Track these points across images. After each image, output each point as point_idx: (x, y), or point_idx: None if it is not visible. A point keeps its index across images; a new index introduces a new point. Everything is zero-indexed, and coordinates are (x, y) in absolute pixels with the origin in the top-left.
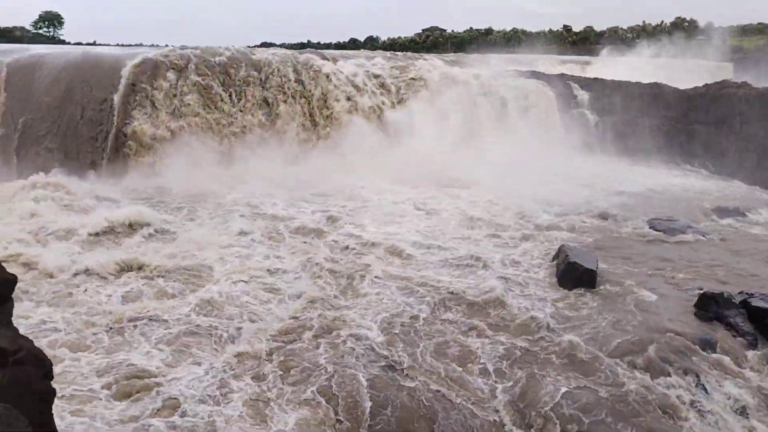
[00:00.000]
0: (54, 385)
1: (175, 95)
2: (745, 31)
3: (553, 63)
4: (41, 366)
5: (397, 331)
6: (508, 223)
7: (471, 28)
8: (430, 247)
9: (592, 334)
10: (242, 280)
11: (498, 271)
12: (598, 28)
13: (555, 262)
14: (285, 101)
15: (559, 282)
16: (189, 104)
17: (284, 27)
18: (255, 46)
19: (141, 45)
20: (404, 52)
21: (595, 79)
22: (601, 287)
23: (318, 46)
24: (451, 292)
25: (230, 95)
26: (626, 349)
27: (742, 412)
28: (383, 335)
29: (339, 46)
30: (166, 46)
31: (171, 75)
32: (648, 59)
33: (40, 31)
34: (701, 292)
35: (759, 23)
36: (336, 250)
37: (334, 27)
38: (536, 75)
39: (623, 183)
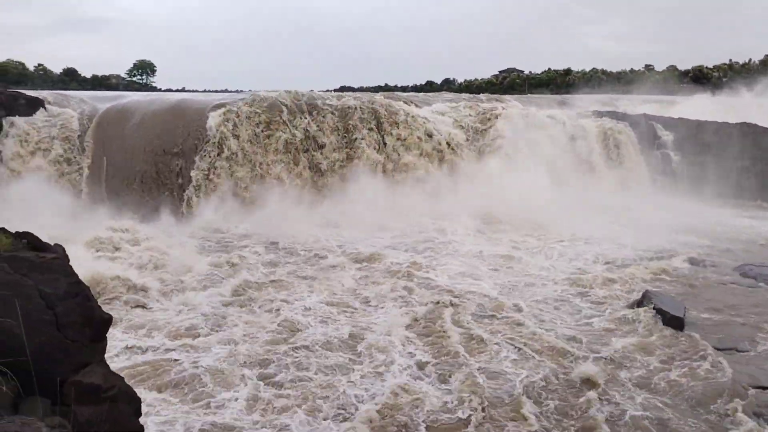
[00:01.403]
0: None
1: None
2: None
3: (636, 103)
4: (132, 403)
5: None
6: (591, 268)
7: (549, 68)
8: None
9: (675, 383)
10: None
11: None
12: (681, 67)
13: (641, 308)
14: (364, 144)
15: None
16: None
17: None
18: (334, 90)
19: (226, 91)
20: (484, 94)
21: (680, 119)
22: (689, 335)
23: (395, 88)
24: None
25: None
26: (711, 402)
27: None
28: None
29: (416, 88)
30: (249, 91)
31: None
32: (738, 98)
33: (134, 79)
34: None
35: None
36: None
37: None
38: (617, 115)
39: (710, 226)
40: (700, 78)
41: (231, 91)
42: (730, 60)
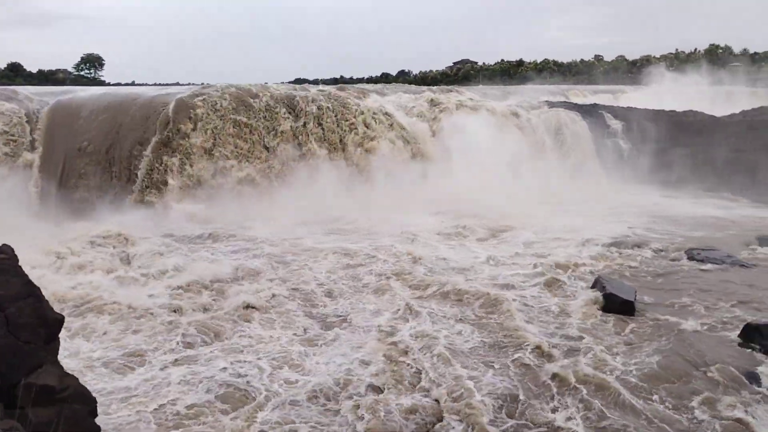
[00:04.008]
0: None
1: (212, 133)
2: None
3: (586, 93)
4: (87, 403)
5: None
6: (548, 252)
7: (502, 60)
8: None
9: (633, 365)
10: None
11: (538, 299)
12: (630, 57)
13: (594, 292)
14: (319, 137)
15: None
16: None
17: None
18: (289, 83)
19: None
20: (437, 86)
21: (628, 108)
22: (640, 318)
23: (350, 81)
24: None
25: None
26: (667, 381)
27: None
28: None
29: (371, 80)
30: (201, 84)
31: (207, 114)
32: (682, 87)
33: (82, 73)
34: (745, 323)
35: None
36: None
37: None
38: (569, 105)
39: (659, 212)
40: (647, 68)
41: (183, 84)
42: (677, 50)
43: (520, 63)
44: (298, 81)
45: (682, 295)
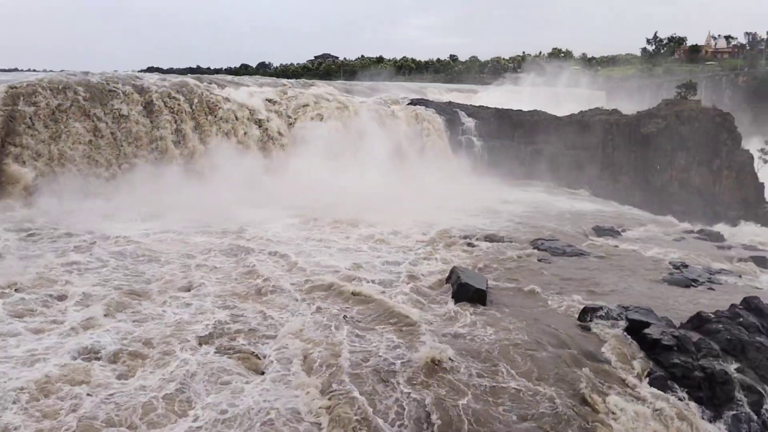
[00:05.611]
0: None
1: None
2: (615, 61)
3: (442, 91)
4: None
5: None
6: (405, 245)
7: (362, 56)
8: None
9: (485, 347)
10: None
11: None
12: (482, 58)
13: (449, 283)
14: (172, 128)
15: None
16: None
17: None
18: (141, 71)
19: (17, 70)
20: (298, 79)
21: (481, 106)
22: (492, 305)
23: (208, 71)
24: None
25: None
26: (515, 361)
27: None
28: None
29: (230, 71)
30: (44, 71)
31: (49, 100)
32: (529, 88)
33: None
34: (583, 306)
35: (627, 54)
36: None
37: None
38: (426, 103)
39: (508, 206)
40: (498, 68)
41: (23, 71)
42: (523, 52)
43: (380, 59)
44: (151, 69)
45: (529, 282)
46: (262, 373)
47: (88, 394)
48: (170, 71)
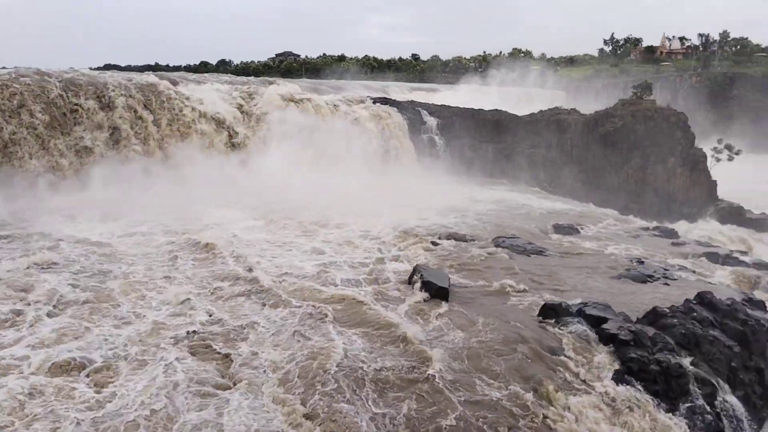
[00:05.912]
0: None
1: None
2: (574, 61)
3: (404, 90)
4: None
5: None
6: (369, 245)
7: (324, 54)
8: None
9: (448, 346)
10: None
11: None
12: (444, 57)
13: (411, 282)
14: (128, 126)
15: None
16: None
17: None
18: (98, 68)
19: None
20: (259, 77)
21: (442, 105)
22: (455, 302)
23: (167, 68)
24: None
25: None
26: (476, 356)
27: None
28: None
29: (189, 69)
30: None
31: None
32: (490, 87)
33: None
34: (543, 303)
35: (585, 54)
36: None
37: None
38: (389, 101)
39: (470, 204)
40: (460, 68)
41: None
42: (484, 52)
43: (342, 58)
44: (108, 67)
45: (491, 279)
46: (234, 384)
47: None
48: (128, 69)
